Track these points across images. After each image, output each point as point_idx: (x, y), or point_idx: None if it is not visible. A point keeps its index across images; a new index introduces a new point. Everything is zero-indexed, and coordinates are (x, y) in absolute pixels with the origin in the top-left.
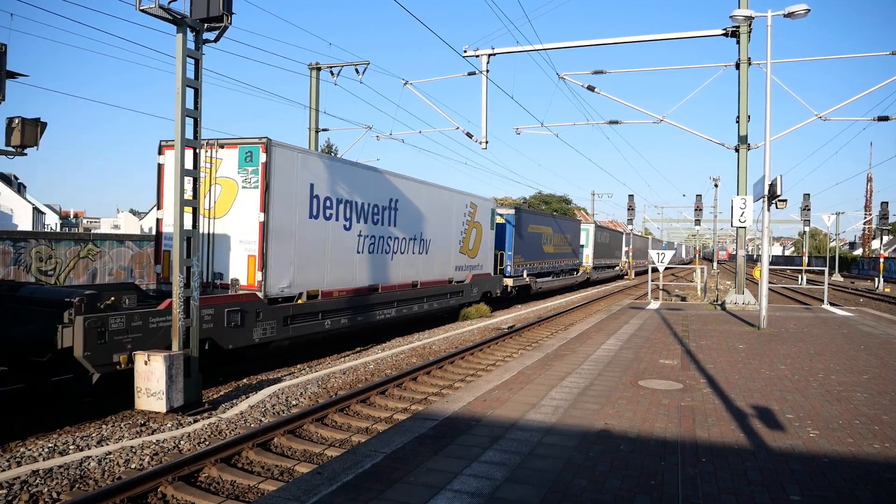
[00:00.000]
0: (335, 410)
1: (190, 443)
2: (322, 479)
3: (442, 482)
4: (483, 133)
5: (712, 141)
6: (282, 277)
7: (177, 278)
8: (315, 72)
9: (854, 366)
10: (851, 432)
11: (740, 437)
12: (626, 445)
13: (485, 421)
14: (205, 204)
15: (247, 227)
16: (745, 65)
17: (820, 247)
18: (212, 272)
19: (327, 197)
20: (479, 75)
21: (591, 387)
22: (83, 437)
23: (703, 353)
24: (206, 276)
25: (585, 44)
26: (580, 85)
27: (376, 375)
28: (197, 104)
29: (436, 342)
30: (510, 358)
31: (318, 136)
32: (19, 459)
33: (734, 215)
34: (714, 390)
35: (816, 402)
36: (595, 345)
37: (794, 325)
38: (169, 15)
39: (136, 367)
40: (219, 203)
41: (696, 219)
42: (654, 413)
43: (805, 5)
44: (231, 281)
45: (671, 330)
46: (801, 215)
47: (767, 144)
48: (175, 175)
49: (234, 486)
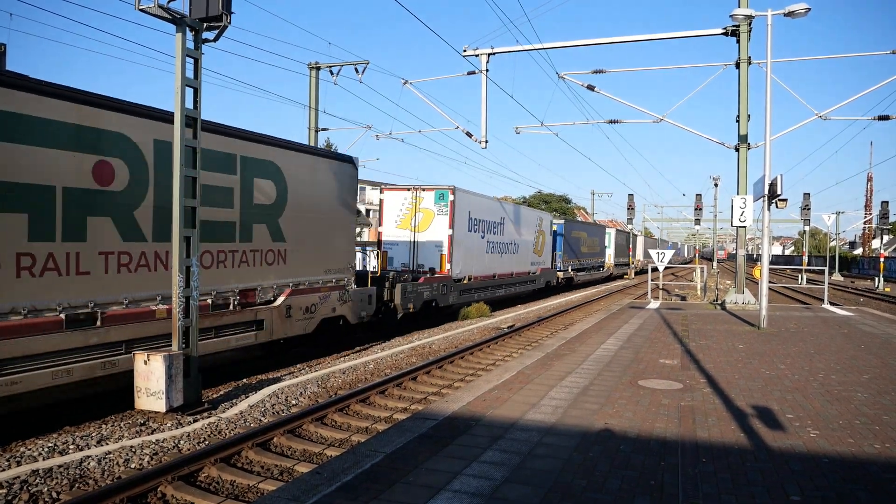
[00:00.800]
0: (335, 410)
1: (189, 442)
2: (322, 479)
3: (442, 482)
4: (483, 132)
5: (712, 140)
6: (458, 267)
7: (175, 278)
8: (315, 71)
9: (854, 365)
10: (852, 432)
11: (740, 437)
12: (626, 445)
13: (484, 421)
14: (411, 223)
15: (440, 237)
16: (746, 64)
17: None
18: (417, 264)
19: (473, 218)
20: (479, 74)
21: (590, 386)
22: (83, 437)
23: (703, 352)
24: (413, 266)
25: (585, 43)
26: (580, 84)
27: (376, 375)
28: (196, 104)
29: (435, 341)
30: (510, 357)
31: (318, 135)
32: (19, 459)
33: (734, 215)
34: (714, 390)
35: (817, 401)
36: (595, 344)
37: (795, 325)
38: (168, 14)
39: (136, 367)
40: (421, 223)
41: (695, 218)
42: (654, 413)
43: (805, 4)
44: (429, 269)
45: (671, 329)
46: (801, 215)
47: (767, 144)
48: (176, 176)
49: (233, 485)
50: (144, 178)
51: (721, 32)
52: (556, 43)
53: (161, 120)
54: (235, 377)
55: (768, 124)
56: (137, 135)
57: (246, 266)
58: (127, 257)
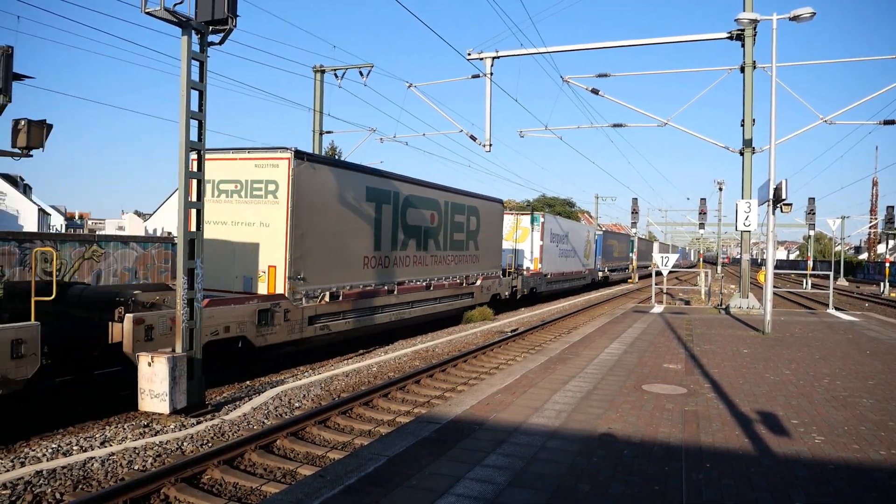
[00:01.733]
0: (338, 413)
1: (193, 444)
2: (324, 481)
3: (445, 486)
4: (487, 136)
5: (717, 144)
6: (545, 267)
7: (180, 280)
8: (319, 74)
9: (860, 371)
10: (857, 438)
11: (745, 443)
12: (629, 450)
13: (488, 425)
14: (513, 237)
15: (534, 247)
16: (750, 68)
17: (825, 251)
18: (517, 264)
19: (552, 233)
20: (483, 78)
21: (594, 391)
22: (87, 438)
23: (707, 357)
24: (514, 266)
25: (589, 47)
26: (584, 88)
27: (379, 378)
28: (201, 106)
29: (439, 345)
30: (513, 361)
31: (322, 138)
32: (23, 460)
33: (739, 219)
34: (718, 395)
35: (822, 407)
36: (598, 348)
37: (799, 330)
38: (174, 17)
39: (140, 369)
40: (520, 237)
41: (700, 222)
42: (657, 417)
43: (810, 9)
44: (526, 268)
45: (675, 334)
46: (806, 219)
47: (772, 148)
48: (180, 178)
49: (236, 488)
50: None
51: (726, 36)
52: (560, 47)
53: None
54: (239, 379)
55: (773, 128)
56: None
57: (466, 263)
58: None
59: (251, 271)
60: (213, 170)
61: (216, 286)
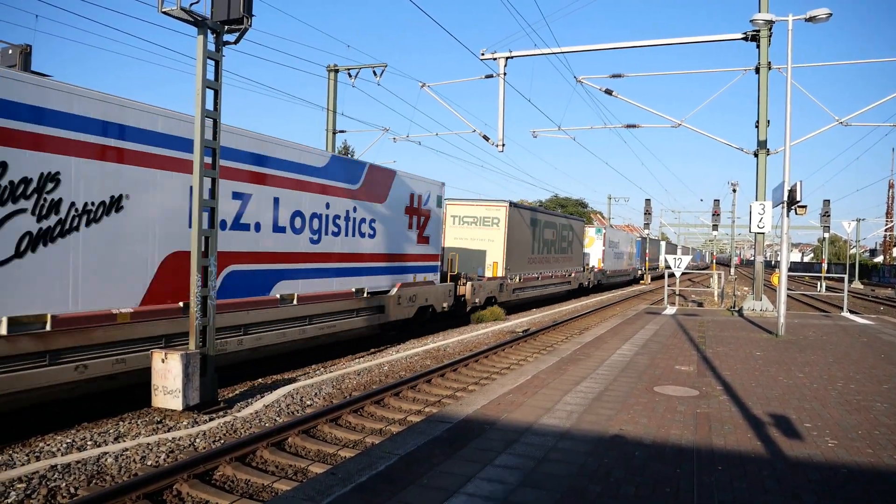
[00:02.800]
0: (349, 411)
1: (205, 441)
2: (336, 479)
3: (456, 485)
4: (500, 136)
5: (731, 146)
6: (606, 265)
7: (194, 277)
8: (333, 74)
9: (874, 375)
10: (871, 443)
11: (757, 446)
12: (641, 452)
13: (499, 425)
14: (584, 242)
15: (597, 252)
16: (766, 69)
17: (840, 253)
18: (585, 264)
19: (609, 240)
20: (497, 78)
21: (605, 392)
22: (101, 434)
23: (719, 359)
24: (584, 266)
25: (603, 47)
26: (597, 88)
27: (390, 377)
28: (216, 105)
29: (450, 344)
30: (524, 362)
31: (336, 137)
32: (38, 454)
33: (753, 221)
34: (731, 397)
35: (835, 411)
36: (610, 349)
37: (813, 333)
38: (190, 17)
39: (154, 365)
40: (587, 244)
41: (713, 224)
42: (669, 419)
43: (827, 10)
44: (591, 266)
45: (687, 336)
46: (821, 221)
47: (787, 149)
48: (195, 176)
49: (248, 484)
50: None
51: (741, 37)
52: (574, 47)
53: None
54: (251, 377)
55: (788, 130)
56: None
57: (567, 263)
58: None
59: (483, 266)
60: (459, 209)
61: None
